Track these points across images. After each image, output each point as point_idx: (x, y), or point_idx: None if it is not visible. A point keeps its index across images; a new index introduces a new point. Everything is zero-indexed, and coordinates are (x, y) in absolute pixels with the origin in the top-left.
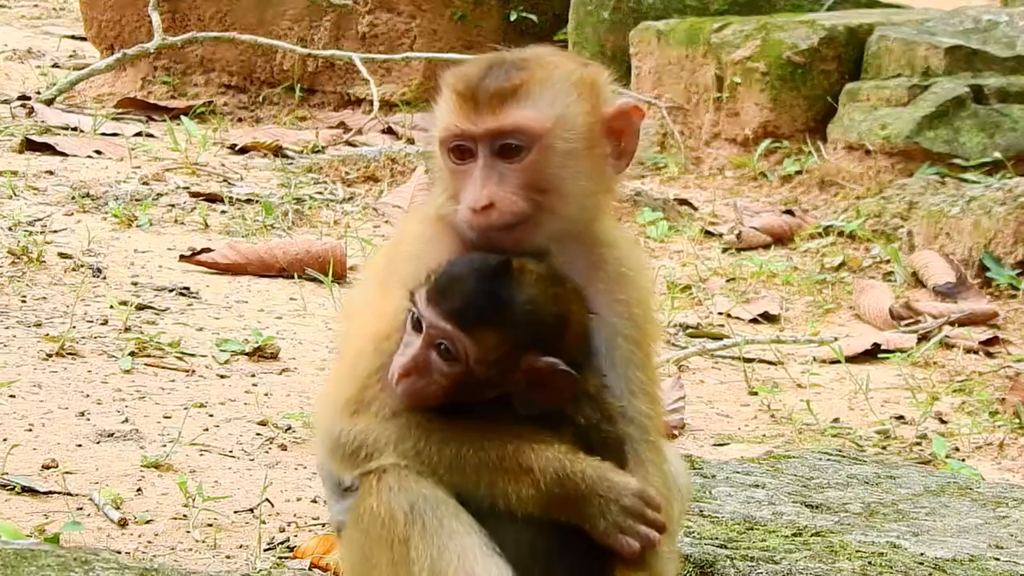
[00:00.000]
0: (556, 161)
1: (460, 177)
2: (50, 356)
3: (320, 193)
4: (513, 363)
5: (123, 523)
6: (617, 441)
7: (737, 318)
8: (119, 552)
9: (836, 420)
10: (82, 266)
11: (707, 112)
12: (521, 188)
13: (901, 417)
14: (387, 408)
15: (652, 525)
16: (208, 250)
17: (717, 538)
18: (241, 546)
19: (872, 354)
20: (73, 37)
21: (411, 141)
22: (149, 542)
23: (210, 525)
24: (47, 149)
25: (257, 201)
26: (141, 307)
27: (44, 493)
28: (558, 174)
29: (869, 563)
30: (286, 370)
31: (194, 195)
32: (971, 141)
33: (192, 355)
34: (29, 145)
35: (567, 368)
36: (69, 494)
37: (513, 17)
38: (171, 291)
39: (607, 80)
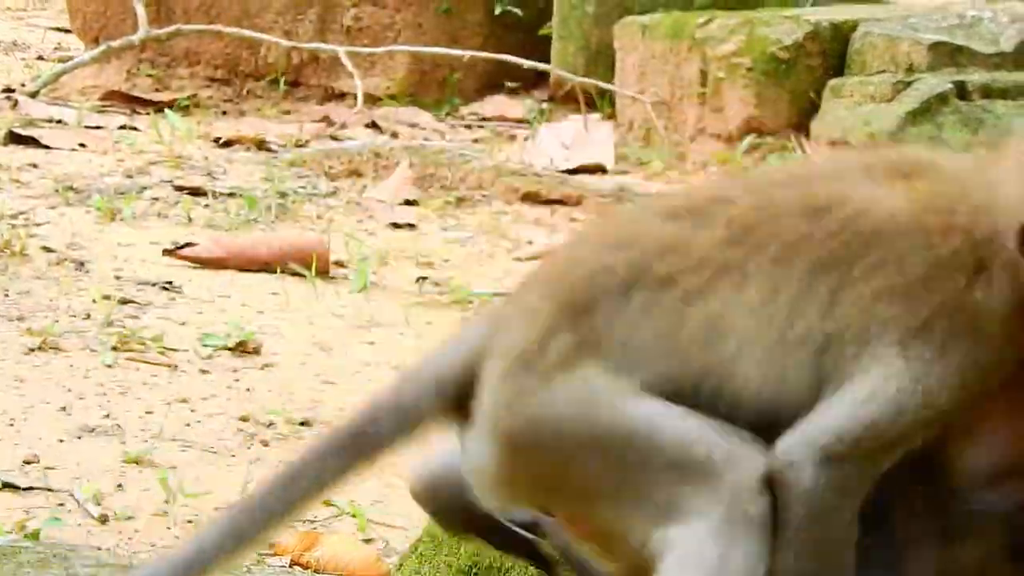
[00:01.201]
0: None
1: None
2: (32, 350)
3: (303, 187)
4: None
5: (104, 519)
6: None
7: None
8: (99, 548)
9: None
10: (65, 260)
11: (691, 107)
12: None
13: None
14: None
15: None
16: (191, 244)
17: None
18: None
19: None
20: (58, 29)
21: (395, 135)
22: (129, 538)
23: (191, 521)
24: (31, 142)
25: (240, 195)
26: (124, 301)
27: (25, 489)
28: None
29: None
30: (268, 365)
31: (178, 188)
32: (955, 137)
33: (174, 350)
34: (13, 138)
35: None
36: (50, 490)
37: (498, 11)
38: (154, 285)
39: None
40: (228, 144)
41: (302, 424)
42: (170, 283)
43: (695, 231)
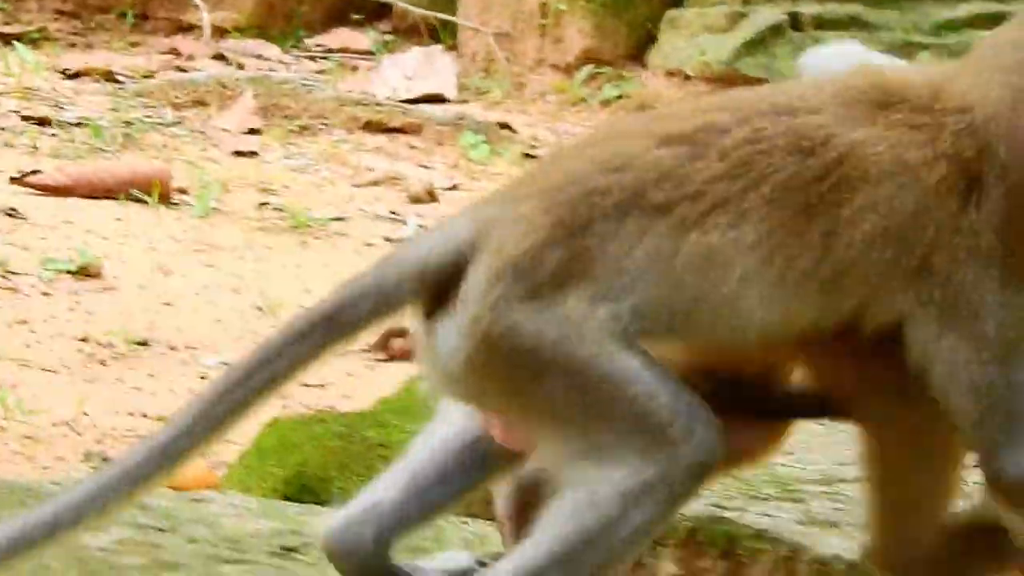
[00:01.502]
0: None
1: None
2: None
3: (149, 117)
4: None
5: None
6: None
7: None
8: None
9: None
10: None
11: (532, 39)
12: None
13: None
14: None
15: None
16: (37, 172)
17: None
18: (58, 457)
19: None
20: None
21: (241, 67)
22: None
23: (28, 437)
24: None
25: (87, 124)
26: None
27: None
28: None
29: None
30: (109, 288)
31: (25, 119)
32: (787, 66)
33: (16, 274)
34: None
35: None
36: None
37: None
38: None
39: None
40: (76, 76)
41: (141, 344)
42: (14, 210)
43: (690, 161)
